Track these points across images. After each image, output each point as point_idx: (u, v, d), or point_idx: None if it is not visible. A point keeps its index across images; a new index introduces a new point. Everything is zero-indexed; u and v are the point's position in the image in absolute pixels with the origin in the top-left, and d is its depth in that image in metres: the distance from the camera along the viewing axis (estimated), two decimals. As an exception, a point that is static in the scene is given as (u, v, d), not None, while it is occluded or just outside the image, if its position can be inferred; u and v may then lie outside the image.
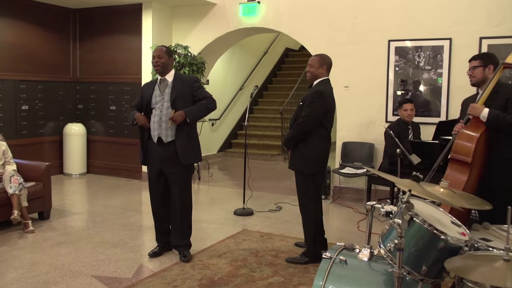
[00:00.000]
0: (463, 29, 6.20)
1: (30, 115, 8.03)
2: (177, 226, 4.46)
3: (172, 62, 4.43)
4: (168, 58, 4.34)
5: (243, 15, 7.70)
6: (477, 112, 3.70)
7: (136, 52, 8.16)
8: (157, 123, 4.28)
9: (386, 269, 2.44)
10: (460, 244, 2.37)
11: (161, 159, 4.33)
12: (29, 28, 7.97)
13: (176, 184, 4.38)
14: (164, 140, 4.28)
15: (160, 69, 4.31)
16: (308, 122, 4.25)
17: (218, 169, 9.68)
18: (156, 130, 4.29)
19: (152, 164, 4.43)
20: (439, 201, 2.59)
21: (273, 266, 4.29)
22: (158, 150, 4.33)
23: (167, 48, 4.43)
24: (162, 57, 4.29)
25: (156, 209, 4.54)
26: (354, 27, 6.84)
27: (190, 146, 4.35)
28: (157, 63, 4.28)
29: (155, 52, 4.35)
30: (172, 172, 4.35)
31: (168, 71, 4.36)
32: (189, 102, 4.30)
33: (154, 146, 4.35)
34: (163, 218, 4.55)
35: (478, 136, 3.63)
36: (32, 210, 5.47)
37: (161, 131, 4.27)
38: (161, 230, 4.58)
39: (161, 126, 4.26)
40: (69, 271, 4.14)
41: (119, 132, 8.50)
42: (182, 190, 4.41)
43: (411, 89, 6.55)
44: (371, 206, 2.63)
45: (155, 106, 4.31)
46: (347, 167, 6.72)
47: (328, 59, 4.42)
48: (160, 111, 4.27)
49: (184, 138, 4.28)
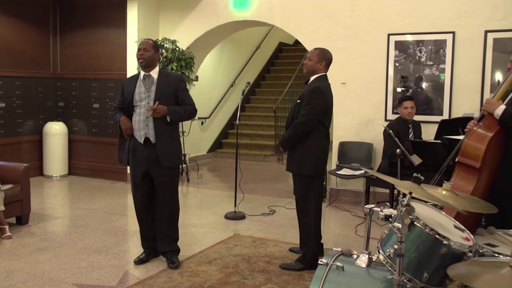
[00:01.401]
0: (467, 22, 6.22)
1: (7, 113, 7.98)
2: (164, 231, 4.44)
3: (159, 57, 4.41)
4: (155, 53, 4.31)
5: (234, 7, 7.69)
6: (492, 108, 3.42)
7: (120, 46, 8.14)
8: (143, 123, 4.24)
9: (386, 276, 2.44)
10: (463, 250, 2.38)
11: (147, 161, 4.29)
12: (6, 21, 7.92)
13: (163, 187, 4.35)
14: (152, 141, 4.25)
15: (145, 63, 4.27)
16: (307, 121, 4.24)
17: (208, 170, 9.66)
18: (142, 129, 4.25)
19: (136, 166, 4.38)
20: (441, 204, 2.59)
21: (266, 273, 4.28)
22: (143, 151, 4.29)
23: (154, 42, 4.41)
24: (148, 51, 4.26)
25: (141, 213, 4.52)
26: (352, 20, 6.85)
27: (173, 148, 4.35)
28: (142, 56, 4.25)
29: (141, 45, 4.32)
30: (159, 175, 4.31)
31: (153, 67, 4.33)
32: (172, 102, 4.29)
33: (138, 146, 4.31)
34: (148, 223, 4.53)
35: (491, 137, 3.38)
36: (10, 214, 5.42)
37: (148, 131, 4.24)
38: (147, 235, 4.56)
39: (148, 126, 4.23)
40: (49, 279, 4.12)
41: (102, 131, 8.46)
42: (170, 193, 4.39)
43: (412, 85, 6.56)
44: (369, 209, 2.64)
45: (139, 103, 4.27)
46: (344, 168, 6.73)
47: (328, 55, 4.42)
48: (146, 110, 4.23)
49: (166, 140, 4.28)
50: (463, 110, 6.17)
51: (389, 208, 2.55)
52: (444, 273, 2.29)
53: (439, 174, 3.95)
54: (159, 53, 4.40)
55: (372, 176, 6.19)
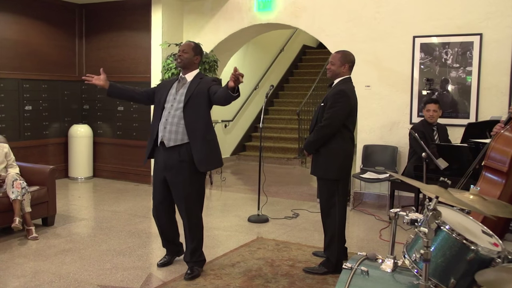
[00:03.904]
0: (495, 23, 6.13)
1: (33, 116, 8.12)
2: (186, 242, 4.33)
3: (198, 60, 4.31)
4: (194, 56, 4.24)
5: (258, 10, 7.70)
6: None
7: (145, 49, 8.21)
8: (163, 125, 4.15)
9: (411, 281, 2.41)
10: (492, 256, 2.33)
11: (164, 166, 4.20)
12: (33, 25, 8.06)
13: (180, 195, 4.19)
14: (166, 144, 4.13)
15: (181, 64, 4.23)
16: (331, 125, 4.22)
17: (231, 173, 9.69)
18: (160, 131, 4.16)
19: (156, 170, 4.33)
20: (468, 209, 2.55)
21: (290, 277, 4.27)
22: (161, 155, 4.21)
23: (196, 44, 4.34)
24: (187, 52, 4.21)
25: (158, 220, 4.45)
26: (376, 23, 6.81)
27: (209, 150, 4.19)
28: (180, 57, 4.21)
29: (181, 46, 4.30)
30: (176, 182, 4.18)
31: (190, 69, 4.26)
32: (204, 101, 4.13)
33: (158, 150, 4.24)
34: (166, 230, 4.46)
35: None
36: (36, 215, 5.51)
37: (165, 134, 4.13)
38: (166, 238, 4.51)
39: (166, 129, 4.12)
40: (74, 280, 4.17)
41: (127, 134, 8.55)
42: (188, 203, 4.20)
43: (438, 88, 6.49)
44: (394, 213, 2.61)
45: (166, 105, 4.20)
46: (368, 171, 6.68)
47: (351, 57, 4.40)
48: (168, 112, 4.15)
49: (200, 141, 4.12)
50: (490, 113, 6.08)
51: (414, 212, 2.52)
52: (471, 279, 2.26)
53: (465, 178, 3.89)
54: (199, 56, 4.32)
55: (396, 180, 6.14)
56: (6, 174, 5.38)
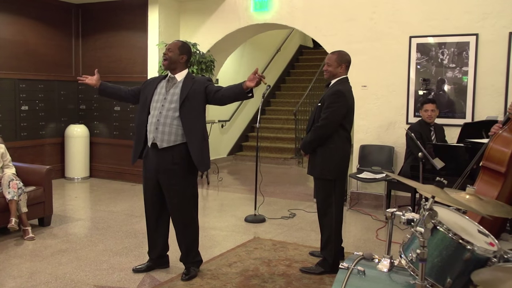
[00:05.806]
0: (491, 23, 6.15)
1: (30, 116, 8.10)
2: (179, 244, 4.27)
3: (184, 60, 4.15)
4: (179, 55, 4.11)
5: (254, 10, 7.70)
6: None
7: (141, 49, 8.20)
8: (154, 125, 4.02)
9: (408, 281, 2.42)
10: (488, 255, 2.34)
11: (157, 169, 4.09)
12: (29, 24, 8.05)
13: (175, 197, 4.10)
14: (159, 146, 4.02)
15: (167, 64, 4.11)
16: (328, 125, 4.23)
17: (228, 173, 9.68)
18: (151, 132, 4.04)
19: (147, 173, 4.21)
20: (464, 209, 2.56)
21: (287, 277, 4.27)
22: (153, 157, 4.10)
23: (183, 43, 4.22)
24: (172, 51, 4.09)
25: (149, 222, 4.34)
26: (373, 23, 6.82)
27: (206, 150, 4.14)
28: (165, 57, 4.10)
29: (168, 45, 4.21)
30: (170, 184, 4.08)
31: (177, 69, 4.15)
32: (201, 101, 4.08)
33: (149, 151, 4.12)
34: (155, 233, 4.34)
35: None
36: (32, 216, 5.50)
37: (157, 135, 4.01)
38: (153, 243, 4.38)
39: (158, 129, 4.01)
40: (71, 280, 4.16)
41: (124, 134, 8.54)
42: (183, 204, 4.14)
43: (434, 88, 6.50)
44: (391, 213, 2.61)
45: (154, 105, 4.08)
46: (365, 171, 6.68)
47: (347, 57, 4.41)
48: (160, 112, 4.03)
49: (199, 141, 4.05)
50: (487, 113, 6.10)
51: (411, 212, 2.52)
52: (467, 278, 2.26)
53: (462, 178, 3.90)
54: (185, 56, 4.16)
55: (393, 180, 6.15)
56: (2, 174, 5.37)
